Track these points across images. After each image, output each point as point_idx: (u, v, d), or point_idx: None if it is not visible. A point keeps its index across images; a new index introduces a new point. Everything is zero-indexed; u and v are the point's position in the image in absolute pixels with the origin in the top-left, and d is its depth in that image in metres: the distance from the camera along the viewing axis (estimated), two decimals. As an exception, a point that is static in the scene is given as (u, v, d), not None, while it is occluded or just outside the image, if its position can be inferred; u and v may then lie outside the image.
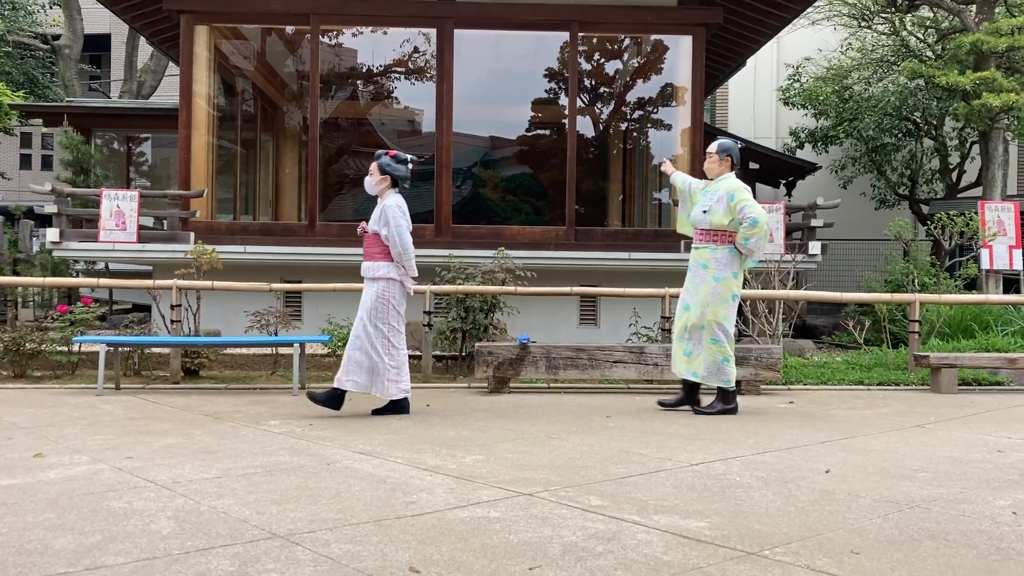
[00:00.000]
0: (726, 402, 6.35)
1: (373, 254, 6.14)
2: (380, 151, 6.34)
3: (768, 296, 9.15)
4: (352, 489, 3.92)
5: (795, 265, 10.04)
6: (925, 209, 16.60)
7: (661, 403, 6.60)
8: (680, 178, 6.69)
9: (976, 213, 11.24)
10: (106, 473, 4.22)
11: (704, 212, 6.32)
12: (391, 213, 6.06)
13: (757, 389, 7.58)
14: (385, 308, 6.06)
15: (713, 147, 6.49)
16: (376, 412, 6.15)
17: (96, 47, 27.50)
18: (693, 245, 6.45)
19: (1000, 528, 3.40)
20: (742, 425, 5.87)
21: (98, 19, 23.82)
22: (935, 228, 11.33)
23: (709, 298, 6.23)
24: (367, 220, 6.29)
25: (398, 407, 6.14)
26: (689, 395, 6.50)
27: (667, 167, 6.80)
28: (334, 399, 6.11)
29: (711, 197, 6.33)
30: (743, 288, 6.57)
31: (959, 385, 7.94)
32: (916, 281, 10.92)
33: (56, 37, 22.49)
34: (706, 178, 6.57)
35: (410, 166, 6.28)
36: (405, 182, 6.27)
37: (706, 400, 6.50)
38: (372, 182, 6.25)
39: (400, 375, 6.11)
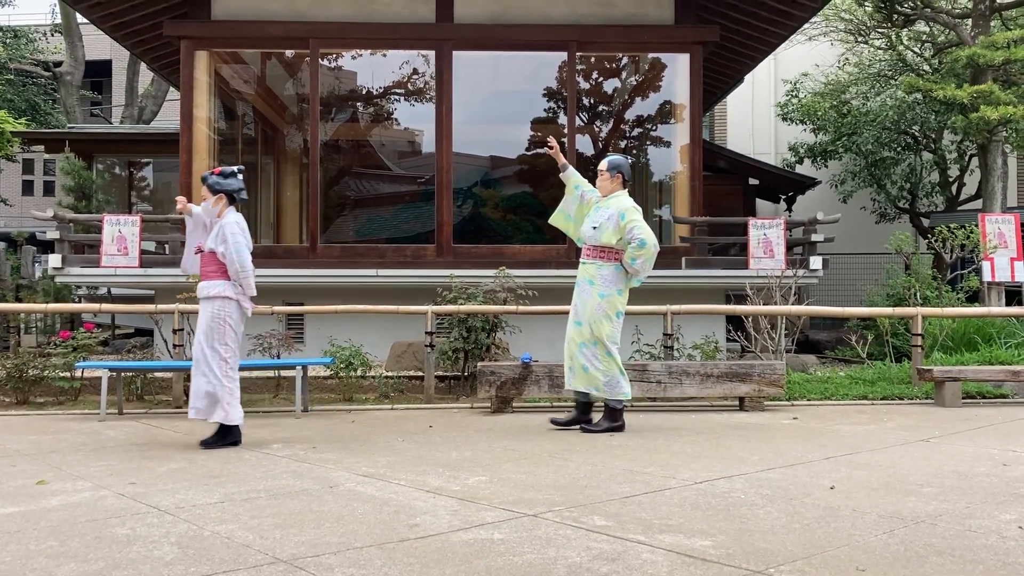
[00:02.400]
0: (613, 419, 6.29)
1: (209, 273, 5.89)
2: (206, 172, 6.12)
3: (770, 312, 9.15)
4: (356, 512, 3.91)
5: (796, 280, 10.04)
6: (926, 222, 16.61)
7: (554, 421, 6.51)
8: (576, 177, 6.63)
9: (976, 225, 11.25)
10: (109, 499, 4.22)
11: (594, 228, 6.31)
12: (229, 230, 5.83)
13: (761, 405, 7.56)
14: (222, 329, 5.81)
15: (603, 164, 6.44)
16: (205, 444, 5.75)
17: (97, 73, 27.70)
18: (581, 260, 6.43)
19: (1007, 543, 3.39)
20: (746, 442, 5.85)
21: (99, 45, 24.00)
22: (936, 241, 11.34)
23: (595, 314, 6.22)
24: (205, 241, 6.02)
25: (231, 435, 5.81)
26: (583, 413, 6.42)
27: (555, 150, 6.60)
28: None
29: (602, 214, 6.30)
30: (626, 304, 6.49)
31: (963, 398, 7.91)
32: (918, 294, 10.90)
33: (58, 64, 22.65)
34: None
35: (239, 176, 6.02)
36: (240, 194, 6.00)
37: (595, 417, 6.44)
38: (208, 205, 5.99)
39: (237, 397, 5.85)
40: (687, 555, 3.23)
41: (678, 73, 12.30)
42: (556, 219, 6.80)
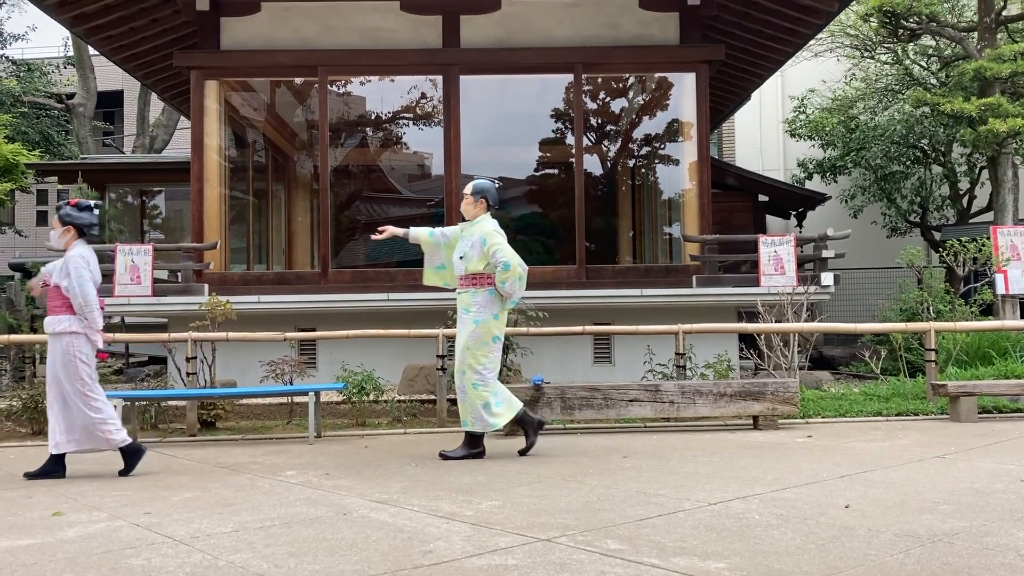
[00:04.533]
0: (472, 446, 6.20)
1: (55, 308, 5.79)
2: (61, 202, 6.02)
3: (782, 329, 9.12)
4: (369, 539, 3.91)
5: (808, 297, 10.01)
6: (937, 236, 16.54)
7: (443, 455, 6.26)
8: (424, 230, 6.56)
9: (988, 238, 11.20)
10: (124, 530, 4.23)
11: (460, 258, 6.27)
12: (72, 264, 5.71)
13: (775, 424, 7.53)
14: (73, 364, 5.73)
15: (468, 188, 6.40)
16: (123, 473, 5.83)
17: (109, 103, 27.99)
18: (457, 291, 6.35)
19: (1024, 561, 3.36)
20: (760, 461, 5.83)
21: (111, 76, 24.28)
22: (948, 255, 11.29)
23: (469, 341, 6.14)
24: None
25: (136, 452, 5.87)
26: (474, 441, 6.23)
27: (387, 233, 6.54)
28: (57, 465, 5.86)
29: (466, 242, 6.26)
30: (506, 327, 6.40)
31: (979, 413, 7.85)
32: (931, 309, 10.85)
33: (70, 96, 22.92)
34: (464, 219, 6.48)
35: (95, 212, 5.94)
36: (92, 229, 5.94)
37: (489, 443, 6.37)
38: (55, 235, 5.92)
39: (114, 421, 5.84)
40: (702, 578, 3.22)
41: (685, 92, 12.35)
42: (429, 278, 6.68)
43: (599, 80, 13.85)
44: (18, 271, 18.55)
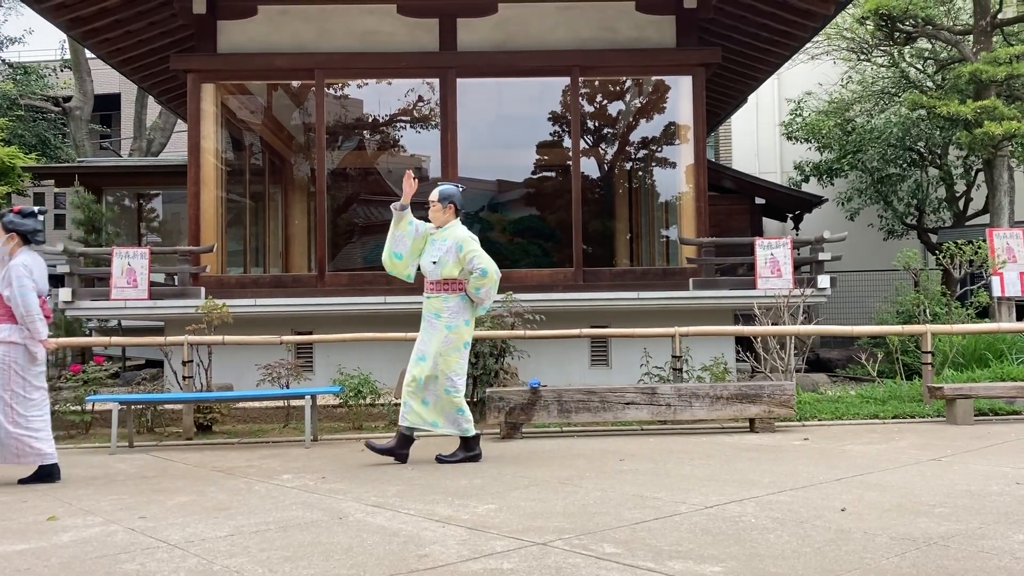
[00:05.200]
0: (468, 449, 6.20)
1: None
2: (5, 210, 5.96)
3: (779, 332, 9.12)
4: (365, 543, 3.90)
5: (805, 299, 10.02)
6: (934, 238, 16.56)
7: (369, 446, 6.23)
8: (410, 215, 6.46)
9: (985, 241, 11.22)
10: (119, 534, 4.22)
11: (434, 263, 6.24)
12: (15, 272, 5.63)
13: (771, 426, 7.53)
14: (7, 374, 5.64)
15: (434, 195, 6.37)
16: (21, 481, 5.76)
17: (106, 106, 27.97)
18: (425, 295, 6.32)
19: (1020, 564, 3.36)
20: (756, 464, 5.83)
21: (108, 79, 24.25)
22: (944, 257, 11.31)
23: (442, 347, 6.13)
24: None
25: (46, 475, 5.77)
26: (401, 445, 6.20)
27: (409, 187, 6.36)
28: None
29: (439, 248, 6.23)
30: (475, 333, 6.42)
31: (975, 416, 7.85)
32: (927, 311, 10.87)
33: (67, 99, 22.91)
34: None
35: (40, 218, 5.87)
36: (37, 236, 5.85)
37: (448, 448, 6.32)
38: None
39: (38, 440, 5.72)
40: (697, 582, 3.22)
41: (681, 95, 12.36)
42: (388, 261, 6.53)
43: (596, 83, 13.87)
44: (14, 274, 18.50)
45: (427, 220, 6.46)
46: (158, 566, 3.62)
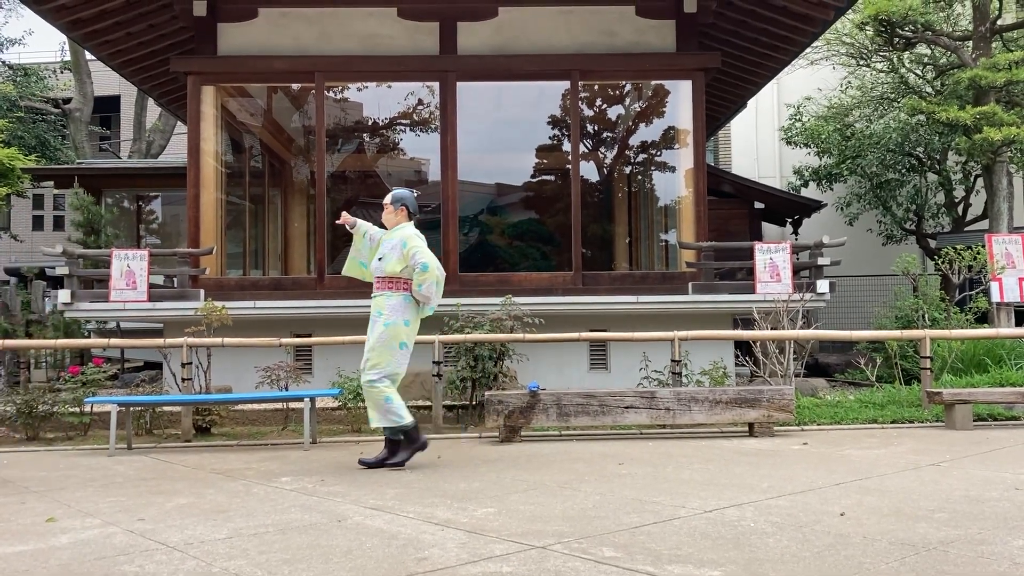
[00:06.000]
0: (412, 441, 6.20)
1: None
2: None
3: (778, 336, 9.13)
4: (364, 546, 3.90)
5: (804, 304, 10.02)
6: (932, 243, 16.58)
7: (362, 462, 6.25)
8: (365, 225, 6.61)
9: (984, 246, 11.23)
10: (118, 536, 4.22)
11: (379, 260, 6.33)
12: None
13: (770, 431, 7.53)
14: None
15: (388, 198, 6.47)
16: None
17: (106, 108, 27.98)
18: (372, 293, 6.39)
19: (1019, 570, 3.36)
20: (755, 469, 5.83)
21: (108, 81, 24.28)
22: (943, 262, 11.32)
23: (375, 343, 6.17)
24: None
25: None
26: (392, 450, 6.22)
27: (345, 221, 6.61)
28: None
29: (387, 246, 6.33)
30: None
31: (974, 421, 7.86)
32: (926, 316, 10.87)
33: (67, 100, 22.90)
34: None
35: None
36: None
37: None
38: None
39: None
40: (697, 586, 3.21)
41: (681, 99, 12.37)
42: (349, 269, 6.72)
43: (595, 87, 13.88)
44: (13, 276, 18.51)
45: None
46: (157, 568, 3.61)
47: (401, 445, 6.23)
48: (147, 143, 22.27)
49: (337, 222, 6.82)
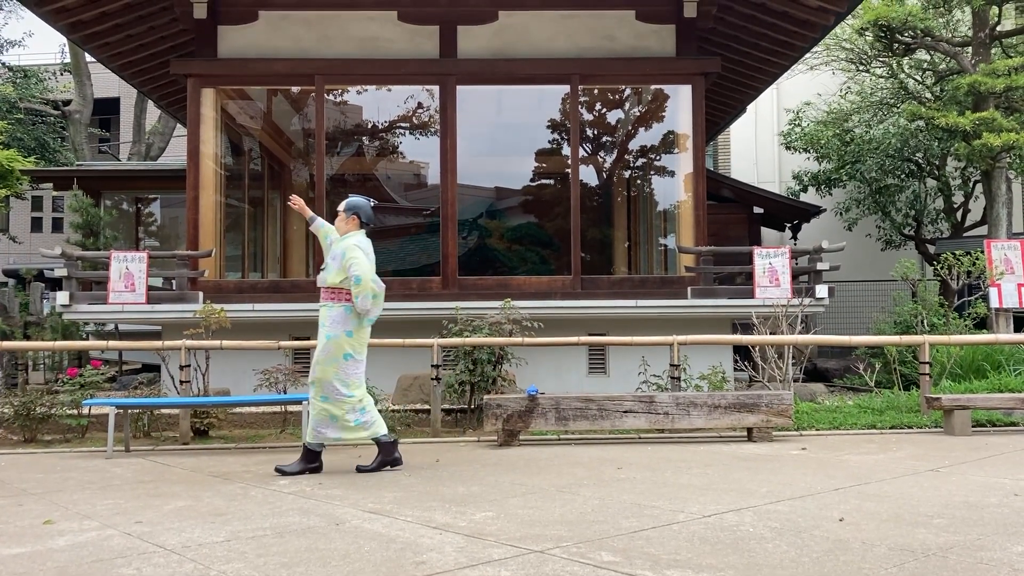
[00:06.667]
0: (388, 453, 6.18)
1: None
2: None
3: (777, 341, 9.13)
4: (362, 550, 3.89)
5: (803, 309, 10.03)
6: (931, 249, 16.59)
7: (279, 470, 6.12)
8: (325, 226, 6.53)
9: (983, 252, 11.24)
10: (115, 539, 4.21)
11: (322, 270, 6.28)
12: None
13: (769, 436, 7.52)
14: None
15: (342, 205, 6.39)
16: None
17: (105, 110, 27.97)
18: (319, 303, 6.34)
19: None
20: (754, 474, 5.82)
21: (107, 83, 24.27)
22: (942, 268, 11.32)
23: (320, 356, 6.13)
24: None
25: None
26: (310, 460, 6.16)
27: (299, 206, 6.51)
28: None
29: (331, 255, 6.26)
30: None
31: (973, 426, 7.86)
32: (925, 322, 10.88)
33: (67, 102, 22.90)
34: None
35: None
36: None
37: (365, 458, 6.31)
38: None
39: None
40: (695, 591, 3.21)
41: (681, 104, 12.38)
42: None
43: (595, 91, 13.89)
44: (12, 277, 18.50)
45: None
46: (154, 571, 3.60)
47: (380, 452, 6.19)
48: (146, 145, 22.27)
49: (288, 202, 6.70)
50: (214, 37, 11.79)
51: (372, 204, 6.52)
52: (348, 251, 6.14)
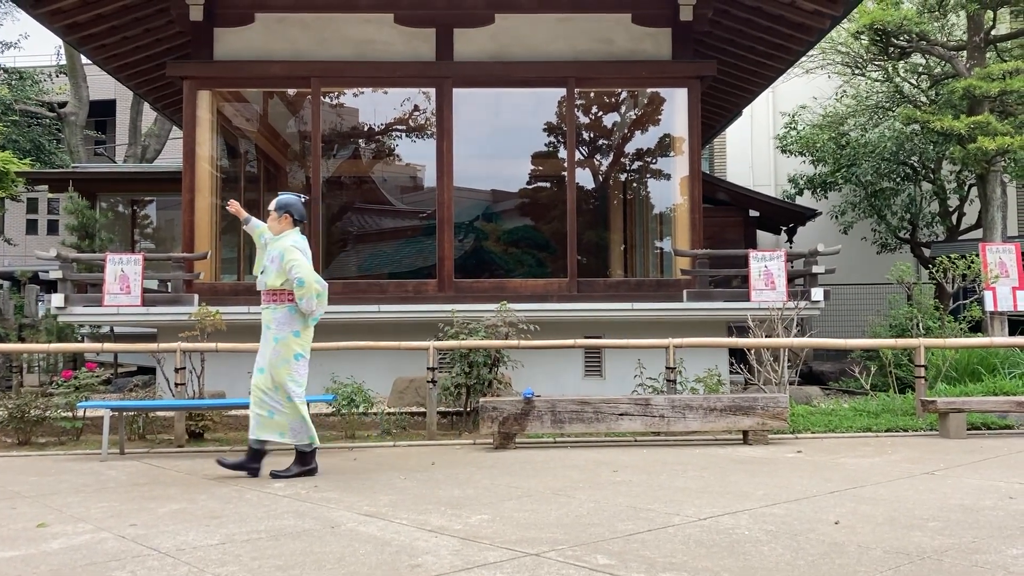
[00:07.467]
0: (303, 463, 6.14)
1: None
2: None
3: (772, 344, 9.13)
4: (357, 553, 3.88)
5: (798, 312, 10.04)
6: (927, 252, 16.62)
7: (220, 462, 6.20)
8: (261, 226, 6.46)
9: (978, 255, 11.26)
10: (109, 542, 4.19)
11: (261, 273, 6.22)
12: None
13: (765, 439, 7.53)
14: None
15: (272, 204, 6.33)
16: None
17: (101, 112, 27.96)
18: (261, 305, 6.28)
19: (1013, 578, 3.36)
20: (750, 477, 5.82)
21: (103, 85, 24.26)
22: (937, 271, 11.34)
23: (272, 359, 6.09)
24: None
25: None
26: (252, 459, 6.17)
27: (235, 209, 6.49)
28: None
29: (268, 257, 6.19)
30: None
31: (968, 429, 7.87)
32: (920, 325, 10.89)
33: (62, 104, 22.88)
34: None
35: None
36: None
37: (284, 463, 6.25)
38: None
39: None
40: (691, 594, 3.20)
41: (677, 107, 12.40)
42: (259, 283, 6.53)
43: (591, 94, 13.90)
44: (7, 279, 18.46)
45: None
46: (149, 574, 3.59)
47: (296, 460, 6.16)
48: (142, 147, 22.24)
49: (226, 207, 6.65)
50: (210, 39, 11.78)
51: (303, 200, 6.48)
52: (286, 253, 6.07)
